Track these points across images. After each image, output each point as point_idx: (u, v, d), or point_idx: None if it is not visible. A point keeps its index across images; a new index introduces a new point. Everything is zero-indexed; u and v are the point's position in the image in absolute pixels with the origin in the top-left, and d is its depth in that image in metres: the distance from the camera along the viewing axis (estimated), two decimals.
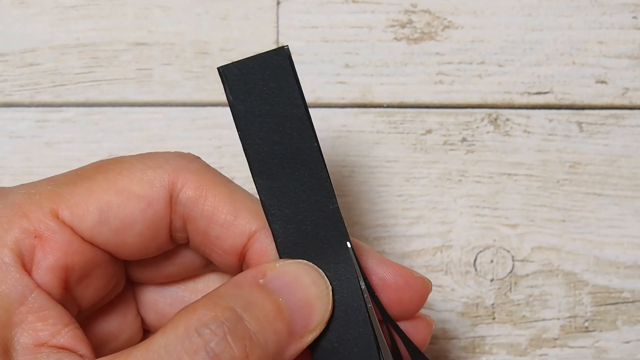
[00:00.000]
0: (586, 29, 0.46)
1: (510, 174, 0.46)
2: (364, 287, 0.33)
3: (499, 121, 0.46)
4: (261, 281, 0.32)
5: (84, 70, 0.46)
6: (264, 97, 0.33)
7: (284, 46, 0.33)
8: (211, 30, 0.46)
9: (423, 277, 0.35)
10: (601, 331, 0.45)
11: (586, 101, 0.46)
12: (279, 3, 0.46)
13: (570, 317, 0.45)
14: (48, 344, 0.31)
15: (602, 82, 0.46)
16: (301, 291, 0.32)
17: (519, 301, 0.45)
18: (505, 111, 0.46)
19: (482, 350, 0.45)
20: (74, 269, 0.33)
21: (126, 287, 0.37)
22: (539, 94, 0.46)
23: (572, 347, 0.45)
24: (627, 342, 0.45)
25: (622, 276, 0.45)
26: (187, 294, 0.37)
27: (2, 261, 0.32)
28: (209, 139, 0.46)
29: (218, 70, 0.33)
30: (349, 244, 0.33)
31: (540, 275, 0.45)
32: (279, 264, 0.33)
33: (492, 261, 0.45)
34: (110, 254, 0.34)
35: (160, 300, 0.37)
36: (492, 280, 0.45)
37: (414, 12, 0.46)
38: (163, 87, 0.46)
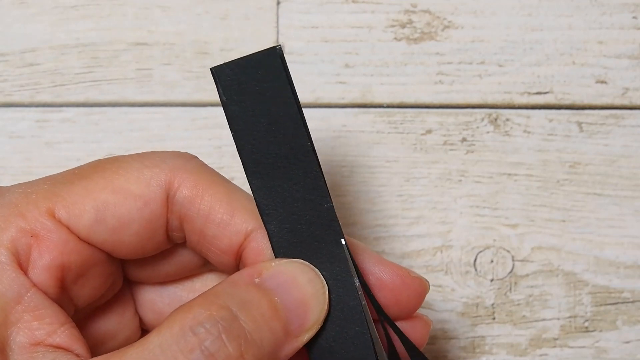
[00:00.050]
0: (586, 29, 0.46)
1: (510, 174, 0.46)
2: (358, 285, 0.33)
3: (499, 121, 0.46)
4: (257, 280, 0.32)
5: (84, 70, 0.46)
6: (257, 97, 0.33)
7: (276, 46, 0.33)
8: (211, 30, 0.46)
9: (420, 277, 0.35)
10: (601, 331, 0.45)
11: (586, 101, 0.46)
12: (279, 3, 0.46)
13: (570, 317, 0.45)
14: (44, 343, 0.31)
15: (602, 82, 0.46)
16: (297, 290, 0.32)
17: (519, 301, 0.45)
18: (505, 111, 0.46)
19: (482, 350, 0.45)
20: (70, 268, 0.33)
21: (124, 286, 0.37)
22: (539, 94, 0.46)
23: (572, 347, 0.45)
24: (627, 342, 0.45)
25: (622, 276, 0.45)
26: (185, 293, 0.37)
27: None
28: (209, 139, 0.46)
29: (211, 70, 0.33)
30: (343, 241, 0.33)
31: (540, 275, 0.45)
32: (274, 263, 0.33)
33: (492, 261, 0.45)
34: (107, 253, 0.34)
35: (158, 300, 0.37)
36: (492, 280, 0.45)
37: (414, 12, 0.46)
38: (163, 87, 0.46)
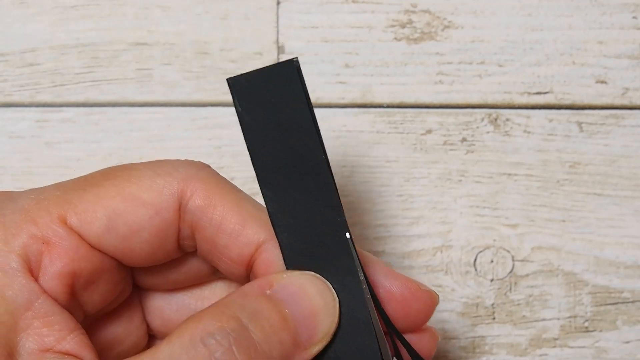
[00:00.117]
0: (586, 29, 0.46)
1: (510, 174, 0.46)
2: (368, 298, 0.33)
3: (499, 121, 0.46)
4: (268, 292, 0.32)
5: (84, 70, 0.46)
6: (273, 109, 0.33)
7: (293, 58, 0.33)
8: (211, 30, 0.46)
9: (430, 289, 0.35)
10: (601, 331, 0.45)
11: (586, 101, 0.46)
12: (279, 3, 0.46)
13: (570, 317, 0.45)
14: (53, 349, 0.31)
15: (602, 82, 0.46)
16: (307, 302, 0.32)
17: (519, 301, 0.45)
18: (505, 111, 0.46)
19: (482, 350, 0.45)
20: (80, 275, 0.33)
21: (133, 292, 0.37)
22: (539, 94, 0.46)
23: (572, 347, 0.45)
24: (627, 342, 0.45)
25: (622, 276, 0.45)
26: (193, 301, 0.37)
27: (9, 266, 0.31)
28: (209, 139, 0.45)
29: (227, 81, 0.33)
30: (355, 254, 0.33)
31: (540, 275, 0.45)
32: (286, 275, 0.33)
33: (492, 261, 0.45)
34: (118, 260, 0.34)
35: (167, 307, 0.37)
36: (492, 280, 0.45)
37: (414, 12, 0.46)
38: (163, 87, 0.45)
